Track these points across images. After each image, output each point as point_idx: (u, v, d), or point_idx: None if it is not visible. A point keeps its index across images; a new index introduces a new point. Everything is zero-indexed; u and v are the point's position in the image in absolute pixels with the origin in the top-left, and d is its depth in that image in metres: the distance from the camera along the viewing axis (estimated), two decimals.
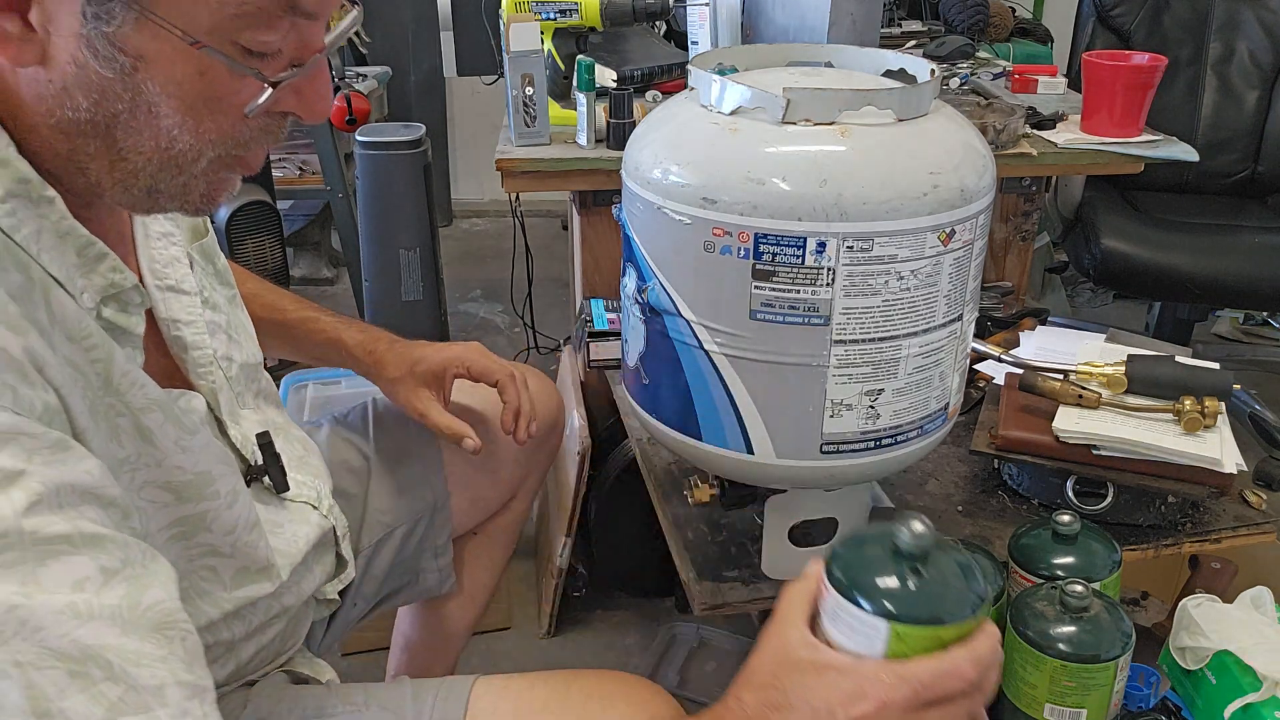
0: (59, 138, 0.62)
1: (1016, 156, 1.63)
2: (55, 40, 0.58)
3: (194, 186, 0.67)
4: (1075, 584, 0.92)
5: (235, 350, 0.87)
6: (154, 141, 0.63)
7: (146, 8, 0.57)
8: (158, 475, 0.71)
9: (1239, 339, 2.84)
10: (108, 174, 0.64)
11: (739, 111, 0.92)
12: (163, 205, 0.67)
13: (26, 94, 0.61)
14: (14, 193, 0.61)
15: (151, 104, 0.61)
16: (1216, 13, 2.50)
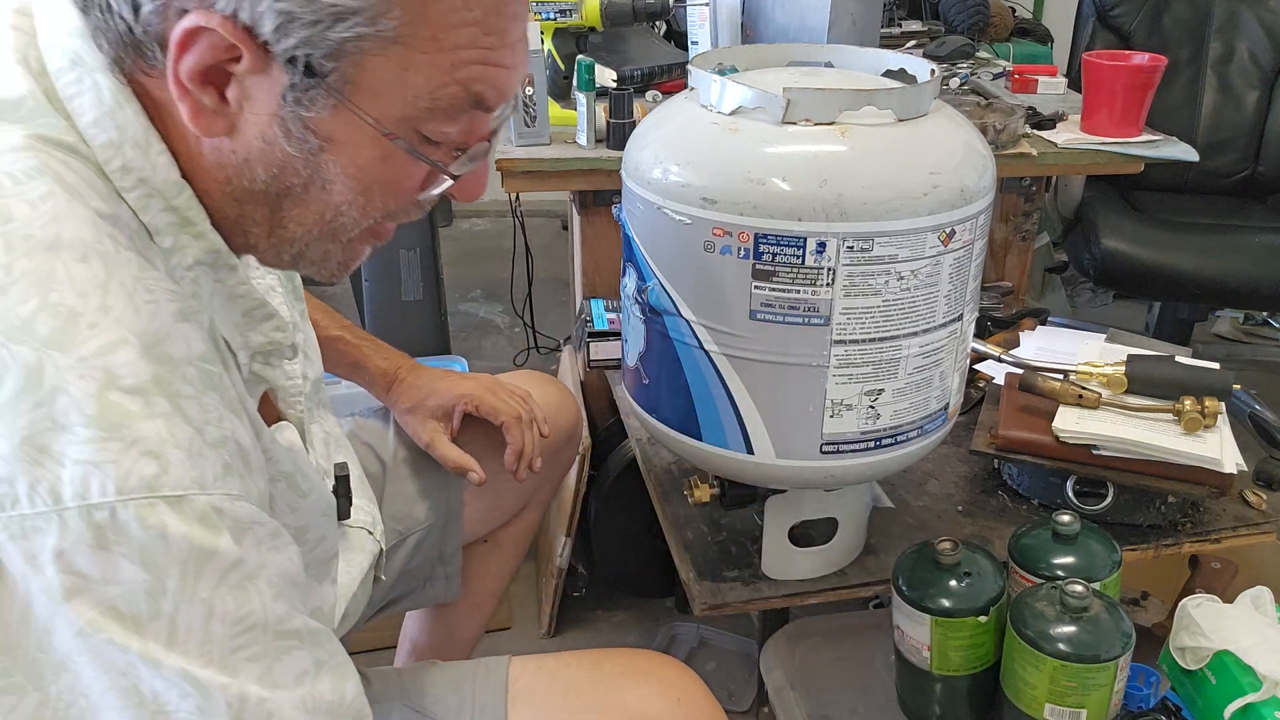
0: (230, 203, 0.64)
1: (1016, 156, 1.63)
2: (247, 116, 0.60)
3: (334, 254, 0.69)
4: (1075, 584, 0.92)
5: (309, 368, 0.87)
6: (319, 215, 0.65)
7: (346, 96, 0.59)
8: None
9: (1239, 339, 2.84)
10: (265, 238, 0.66)
11: (739, 111, 0.92)
12: (301, 269, 0.69)
13: (208, 160, 0.62)
14: (202, 261, 0.64)
15: (327, 181, 0.63)
16: (1216, 13, 2.50)
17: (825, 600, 1.13)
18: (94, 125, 0.60)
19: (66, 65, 0.60)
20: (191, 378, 0.58)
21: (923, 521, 1.23)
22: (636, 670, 0.88)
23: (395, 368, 1.15)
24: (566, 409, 1.26)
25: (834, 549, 1.12)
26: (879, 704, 1.13)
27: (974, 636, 0.98)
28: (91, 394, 0.53)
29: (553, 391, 1.25)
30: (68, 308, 0.54)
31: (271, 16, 0.55)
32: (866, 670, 1.18)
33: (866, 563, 1.16)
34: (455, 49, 0.59)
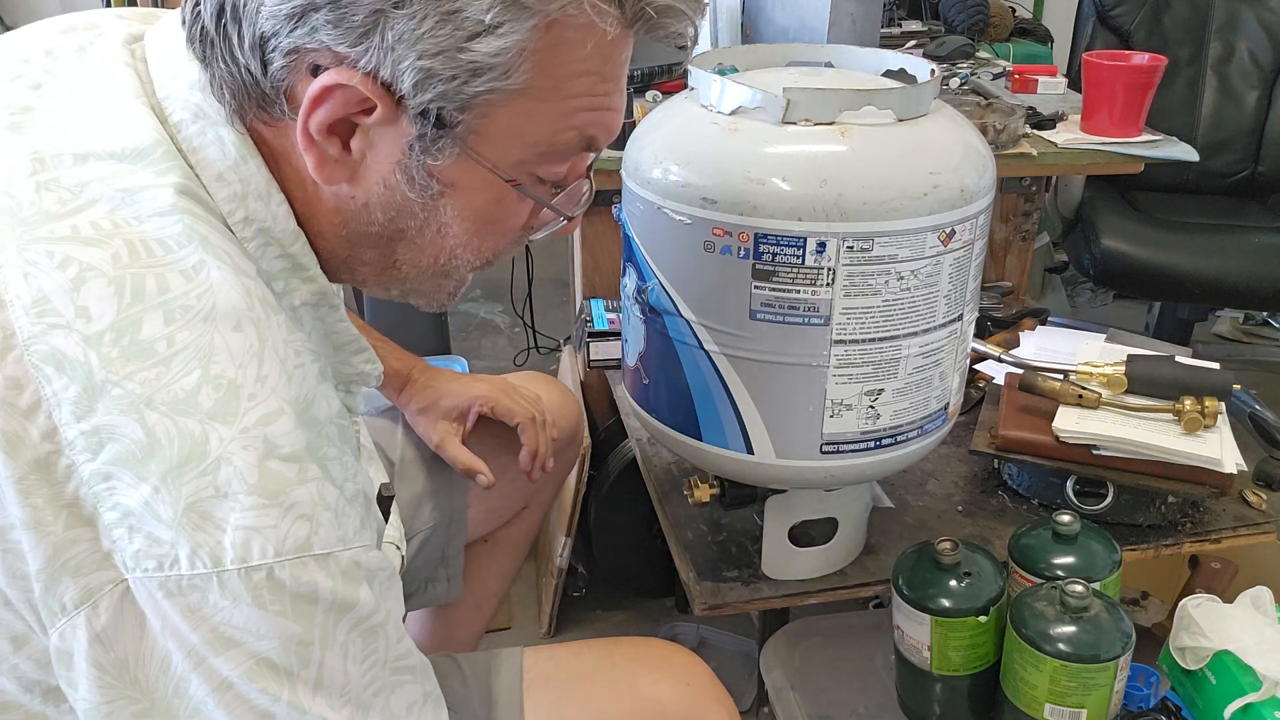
0: (343, 245, 0.66)
1: (1016, 156, 1.63)
2: (370, 164, 0.61)
3: (443, 287, 0.71)
4: (1075, 584, 0.92)
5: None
6: (433, 258, 0.67)
7: (471, 146, 0.61)
8: None
9: (1239, 339, 2.84)
10: (375, 278, 0.69)
11: (739, 111, 0.92)
12: (410, 300, 0.72)
13: (327, 206, 0.64)
14: (308, 301, 0.66)
15: (443, 225, 0.65)
16: (1216, 13, 2.50)
17: (825, 600, 1.13)
18: (218, 179, 0.61)
19: (189, 118, 0.61)
20: (333, 436, 0.60)
21: (923, 521, 1.23)
22: (647, 658, 0.90)
23: (409, 369, 1.16)
24: (568, 410, 1.27)
25: (834, 549, 1.12)
26: (879, 704, 1.13)
27: (974, 636, 0.98)
28: (253, 463, 0.55)
29: (555, 393, 1.26)
30: (228, 380, 0.56)
31: (412, 74, 0.57)
32: (866, 670, 1.18)
33: (866, 563, 1.16)
34: (574, 96, 0.61)
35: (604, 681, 0.87)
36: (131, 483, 0.54)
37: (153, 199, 0.58)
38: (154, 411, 0.54)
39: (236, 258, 0.60)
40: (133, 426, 0.53)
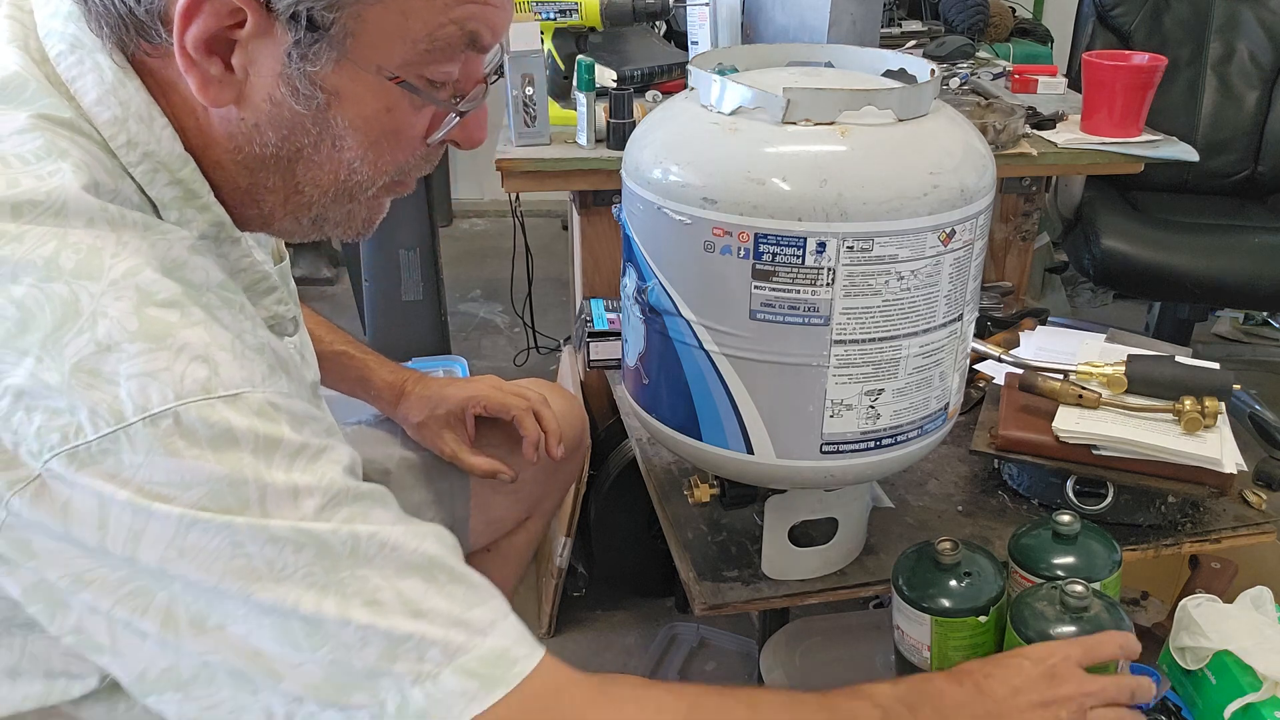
0: (242, 173, 0.65)
1: (1016, 156, 1.63)
2: (254, 81, 0.61)
3: (357, 213, 0.71)
4: (1075, 584, 0.92)
5: (307, 369, 0.88)
6: (334, 175, 0.66)
7: (349, 49, 0.60)
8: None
9: (1239, 339, 2.84)
10: (282, 206, 0.68)
11: (739, 111, 0.92)
12: (325, 231, 0.71)
13: (218, 132, 0.64)
14: (206, 235, 0.65)
15: (337, 138, 0.64)
16: (1216, 13, 2.50)
17: (825, 600, 1.13)
18: (97, 103, 0.61)
19: (66, 49, 0.62)
20: (213, 303, 0.60)
21: (923, 521, 1.23)
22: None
23: (401, 380, 1.15)
24: (573, 417, 1.26)
25: (834, 549, 1.12)
26: None
27: (974, 636, 0.98)
28: (130, 312, 0.55)
29: (559, 400, 1.25)
30: (87, 245, 0.56)
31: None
32: (866, 670, 1.18)
33: (866, 563, 1.16)
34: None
35: None
36: (13, 360, 0.53)
37: (9, 121, 0.59)
38: (17, 285, 0.54)
39: (105, 173, 0.60)
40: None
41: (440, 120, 0.68)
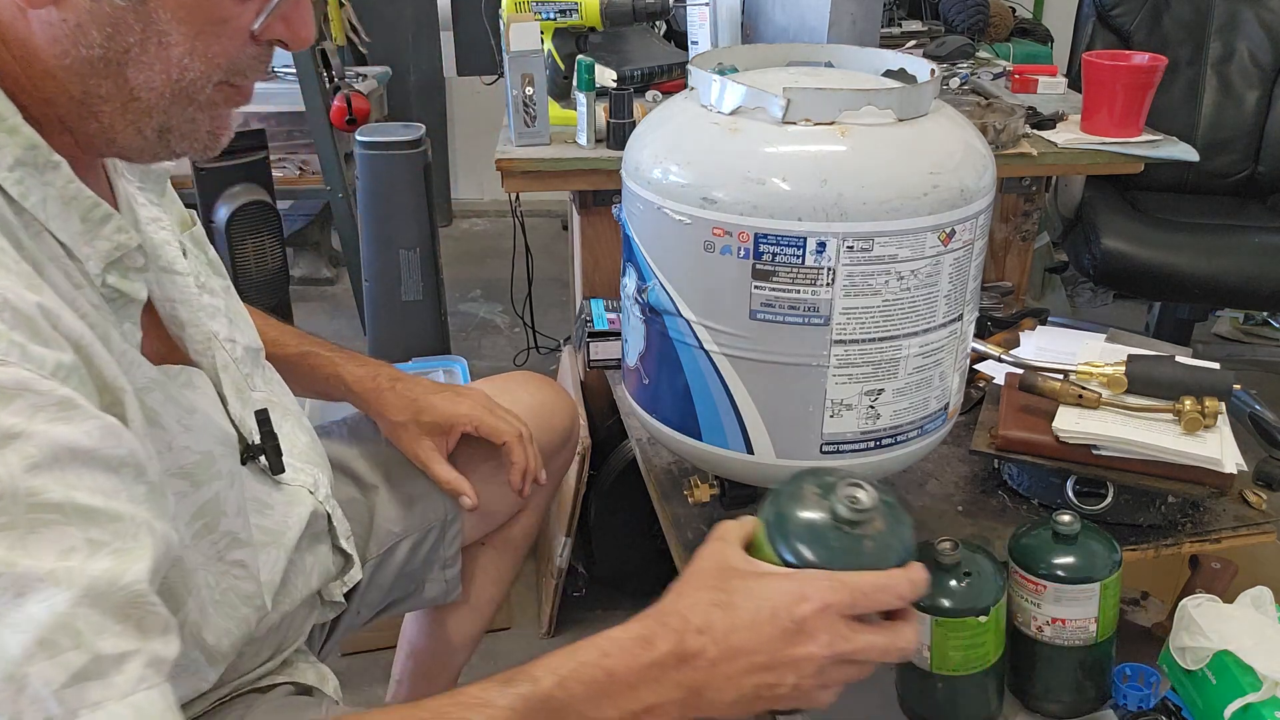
0: (73, 80, 0.64)
1: (1016, 156, 1.63)
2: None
3: (200, 122, 0.69)
4: (857, 487, 0.69)
5: (237, 334, 0.87)
6: (165, 74, 0.65)
7: None
8: (171, 461, 0.71)
9: (1239, 339, 2.84)
10: (120, 115, 0.66)
11: (739, 111, 0.92)
12: (173, 146, 0.69)
13: (40, 38, 0.62)
14: (22, 160, 0.62)
15: (162, 33, 0.63)
16: (1216, 13, 2.50)
17: None
18: None
19: None
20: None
21: (923, 521, 1.23)
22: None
23: (374, 375, 1.12)
24: (562, 409, 1.26)
25: None
26: (879, 704, 1.13)
27: (974, 636, 0.98)
28: None
29: (548, 392, 1.25)
30: None
31: None
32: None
33: None
34: None
35: None
36: None
37: None
38: None
39: None
40: None
41: (263, 8, 0.67)
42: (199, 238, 0.89)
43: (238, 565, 0.78)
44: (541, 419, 1.20)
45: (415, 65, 3.53)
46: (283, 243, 2.45)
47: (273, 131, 2.69)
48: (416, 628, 1.32)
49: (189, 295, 0.81)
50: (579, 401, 1.67)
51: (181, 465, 0.72)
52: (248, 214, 2.33)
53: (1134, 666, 1.11)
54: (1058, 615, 1.01)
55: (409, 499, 1.12)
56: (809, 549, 0.68)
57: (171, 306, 0.79)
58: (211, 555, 0.75)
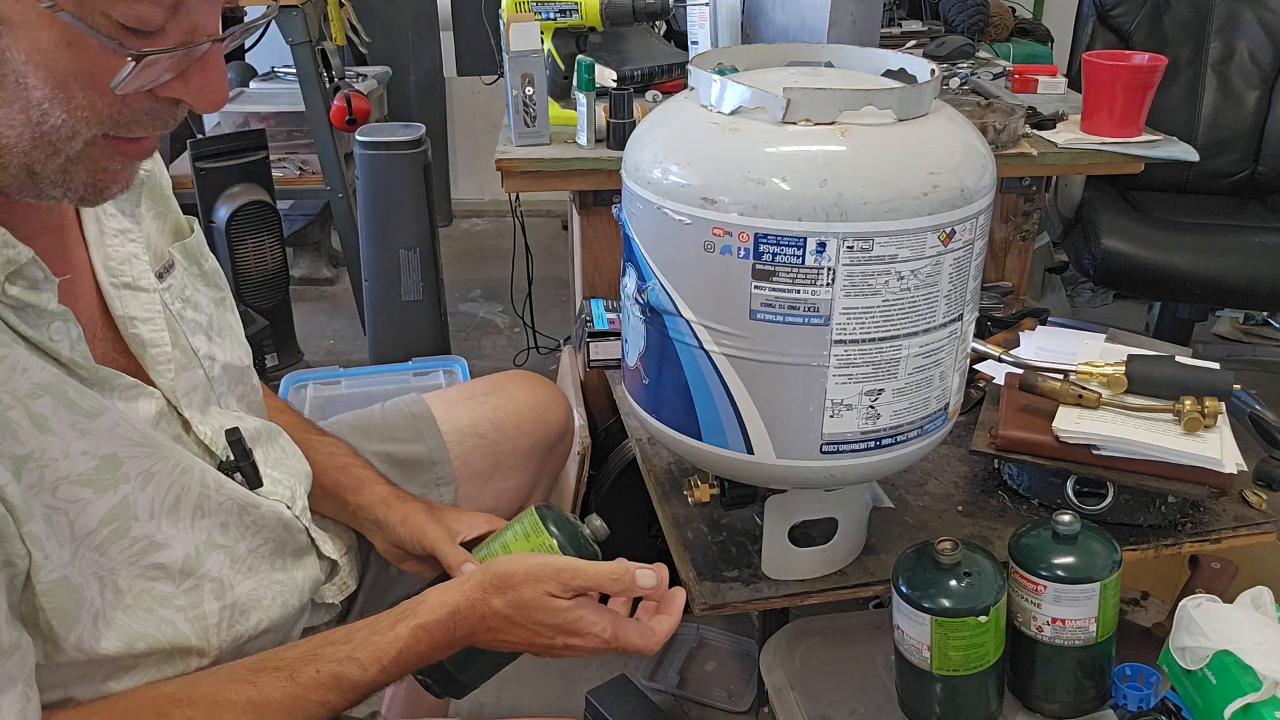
0: None
1: (1016, 156, 1.63)
2: None
3: (75, 173, 0.65)
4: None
5: (218, 350, 0.86)
6: (24, 115, 0.61)
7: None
8: (67, 470, 0.68)
9: (1239, 339, 2.84)
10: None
11: (739, 111, 0.92)
12: (47, 192, 0.65)
13: None
14: None
15: (19, 74, 0.60)
16: (1216, 13, 2.50)
17: (825, 600, 1.13)
18: None
19: None
20: None
21: (923, 521, 1.23)
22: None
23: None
24: (554, 406, 1.26)
25: (834, 549, 1.12)
26: (879, 704, 1.13)
27: (974, 636, 0.98)
28: None
29: (542, 390, 1.25)
30: None
31: None
32: (866, 670, 1.18)
33: (866, 563, 1.16)
34: None
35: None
36: None
37: None
38: None
39: None
40: None
41: (155, 70, 0.62)
42: (192, 249, 0.87)
43: (155, 568, 0.75)
44: (536, 415, 1.21)
45: (415, 65, 3.53)
46: (283, 243, 2.45)
47: (273, 131, 2.69)
48: None
49: (151, 312, 0.79)
50: (579, 401, 1.67)
51: (80, 473, 0.69)
52: (248, 214, 2.34)
53: (1134, 666, 1.11)
54: (1058, 615, 1.01)
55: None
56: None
57: (133, 325, 0.78)
58: (122, 560, 0.72)
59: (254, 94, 2.87)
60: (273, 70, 2.97)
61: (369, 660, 0.79)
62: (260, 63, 3.01)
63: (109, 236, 0.79)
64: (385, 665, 0.79)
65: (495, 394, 1.20)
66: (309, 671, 0.77)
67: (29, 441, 0.66)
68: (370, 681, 0.79)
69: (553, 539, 0.94)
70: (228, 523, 0.82)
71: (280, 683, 0.76)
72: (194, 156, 2.27)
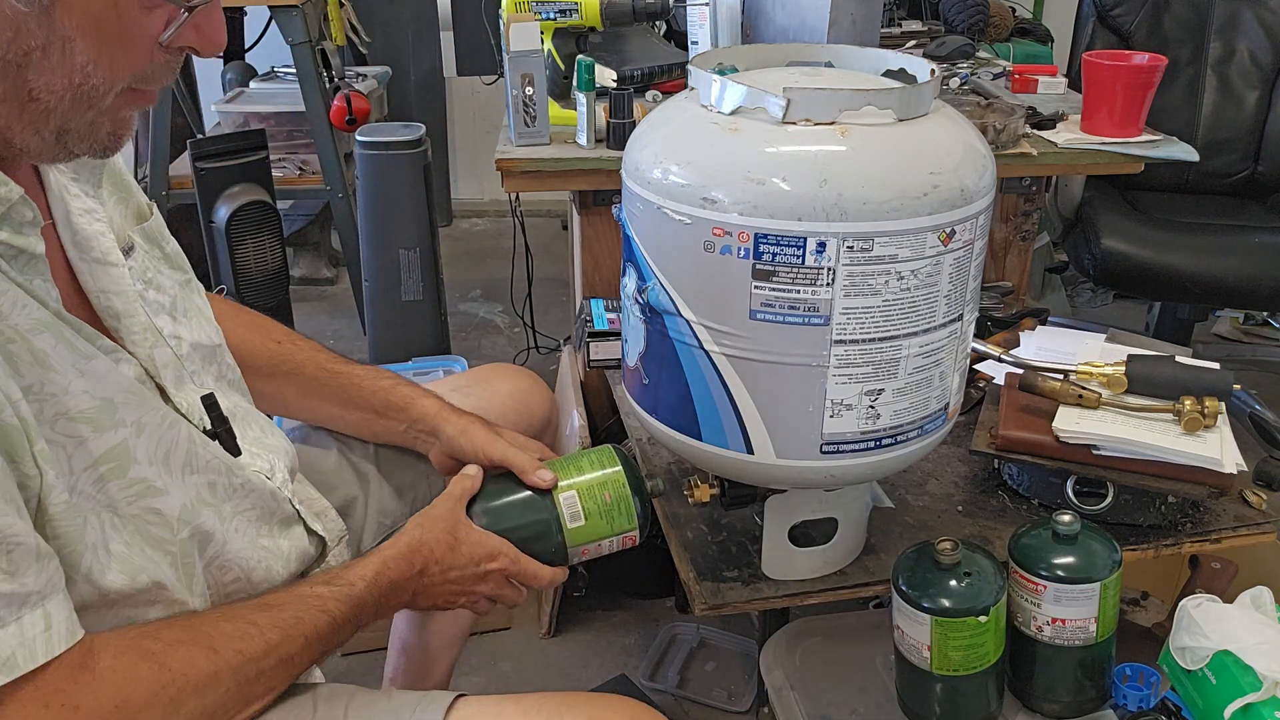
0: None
1: (1016, 156, 1.63)
2: None
3: (101, 125, 0.69)
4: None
5: (184, 329, 0.86)
6: (66, 79, 0.64)
7: None
8: (66, 405, 0.70)
9: (1239, 339, 2.84)
10: (18, 117, 0.65)
11: (739, 111, 0.92)
12: (71, 147, 0.69)
13: None
14: None
15: (66, 40, 0.63)
16: (1216, 13, 2.50)
17: (825, 600, 1.13)
18: None
19: None
20: None
21: (923, 521, 1.23)
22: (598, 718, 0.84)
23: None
24: (538, 397, 1.26)
25: (834, 549, 1.13)
26: (879, 704, 1.13)
27: (974, 636, 0.98)
28: None
29: (525, 381, 1.25)
30: None
31: None
32: (866, 670, 1.18)
33: (866, 563, 1.16)
34: None
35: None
36: None
37: None
38: None
39: None
40: None
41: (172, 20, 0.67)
42: (152, 232, 0.88)
43: (151, 512, 0.77)
44: (520, 405, 1.21)
45: (415, 65, 3.53)
46: (283, 243, 2.44)
47: (273, 131, 2.69)
48: (407, 623, 1.32)
49: (123, 286, 0.80)
50: (579, 401, 1.67)
51: (81, 409, 0.71)
52: (247, 214, 2.33)
53: (1134, 666, 1.11)
54: (1058, 615, 1.01)
55: (399, 489, 1.13)
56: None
57: (106, 298, 0.79)
58: (121, 498, 0.74)
59: (254, 94, 2.87)
60: (273, 70, 2.96)
61: (354, 578, 0.87)
62: (260, 63, 3.01)
63: (75, 215, 0.79)
64: (368, 581, 0.87)
65: (479, 386, 1.20)
66: (302, 591, 0.84)
67: (28, 374, 0.67)
68: (356, 598, 0.86)
69: (624, 472, 0.99)
70: (215, 482, 0.83)
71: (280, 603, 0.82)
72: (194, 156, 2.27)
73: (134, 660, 0.71)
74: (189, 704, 0.73)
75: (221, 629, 0.77)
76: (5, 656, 0.63)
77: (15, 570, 0.63)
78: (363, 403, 1.08)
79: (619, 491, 0.98)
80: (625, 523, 0.99)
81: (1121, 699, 1.09)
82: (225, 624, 0.77)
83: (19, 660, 0.63)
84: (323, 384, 1.08)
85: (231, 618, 0.78)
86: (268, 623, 0.78)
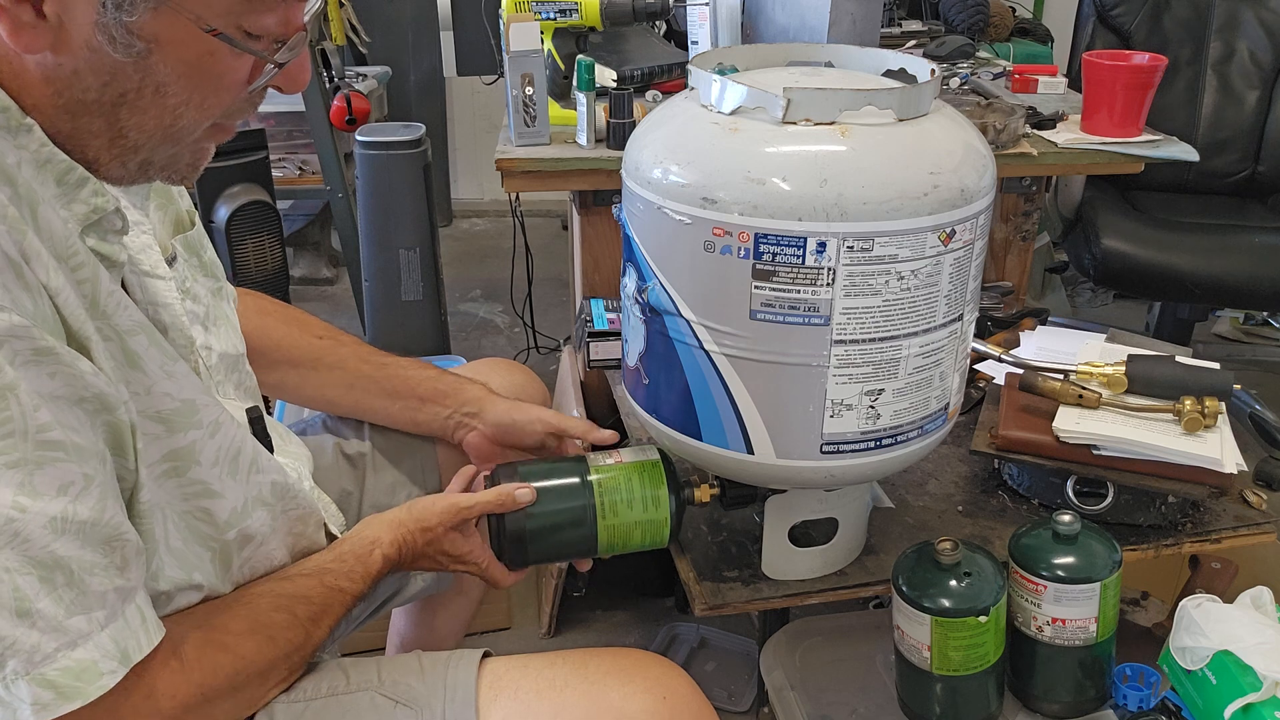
0: (64, 117, 0.65)
1: (1016, 156, 1.63)
2: (69, 28, 0.61)
3: (182, 157, 0.71)
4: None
5: (214, 339, 0.88)
6: (158, 120, 0.67)
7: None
8: (149, 404, 0.72)
9: (1239, 339, 2.84)
10: (106, 150, 0.67)
11: (739, 111, 0.92)
12: (151, 176, 0.71)
13: (35, 75, 0.63)
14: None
15: (160, 84, 0.65)
16: (1216, 13, 2.50)
17: (825, 600, 1.13)
18: None
19: None
20: None
21: (923, 521, 1.23)
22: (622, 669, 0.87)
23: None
24: (531, 390, 1.27)
25: (834, 549, 1.12)
26: (879, 704, 1.13)
27: (974, 636, 0.98)
28: None
29: (519, 375, 1.26)
30: None
31: None
32: (866, 670, 1.18)
33: (866, 563, 1.16)
34: None
35: (573, 691, 0.84)
36: None
37: None
38: None
39: None
40: None
41: (260, 68, 0.69)
42: (193, 242, 0.89)
43: (202, 511, 0.79)
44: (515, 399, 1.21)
45: (415, 65, 3.53)
46: (283, 243, 2.44)
47: (273, 131, 2.69)
48: (406, 620, 1.32)
49: (170, 299, 0.82)
50: (579, 401, 1.67)
51: (159, 410, 0.73)
52: (248, 214, 2.33)
53: (1134, 666, 1.11)
54: (1058, 615, 1.01)
55: (393, 485, 1.13)
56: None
57: (154, 310, 0.80)
58: (177, 496, 0.76)
59: None
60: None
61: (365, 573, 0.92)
62: None
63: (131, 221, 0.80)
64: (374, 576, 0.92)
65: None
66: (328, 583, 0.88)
67: (119, 373, 0.69)
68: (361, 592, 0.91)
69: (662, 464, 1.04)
70: (277, 482, 0.87)
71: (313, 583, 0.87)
72: None
73: (214, 651, 0.75)
74: (251, 688, 0.79)
75: (274, 619, 0.81)
76: (122, 649, 0.66)
77: (125, 565, 0.66)
78: (408, 392, 1.12)
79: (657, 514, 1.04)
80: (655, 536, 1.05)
81: (1121, 699, 1.09)
82: (276, 615, 0.82)
83: (130, 652, 0.67)
84: (367, 376, 1.12)
85: (278, 608, 0.83)
86: (305, 615, 0.84)
